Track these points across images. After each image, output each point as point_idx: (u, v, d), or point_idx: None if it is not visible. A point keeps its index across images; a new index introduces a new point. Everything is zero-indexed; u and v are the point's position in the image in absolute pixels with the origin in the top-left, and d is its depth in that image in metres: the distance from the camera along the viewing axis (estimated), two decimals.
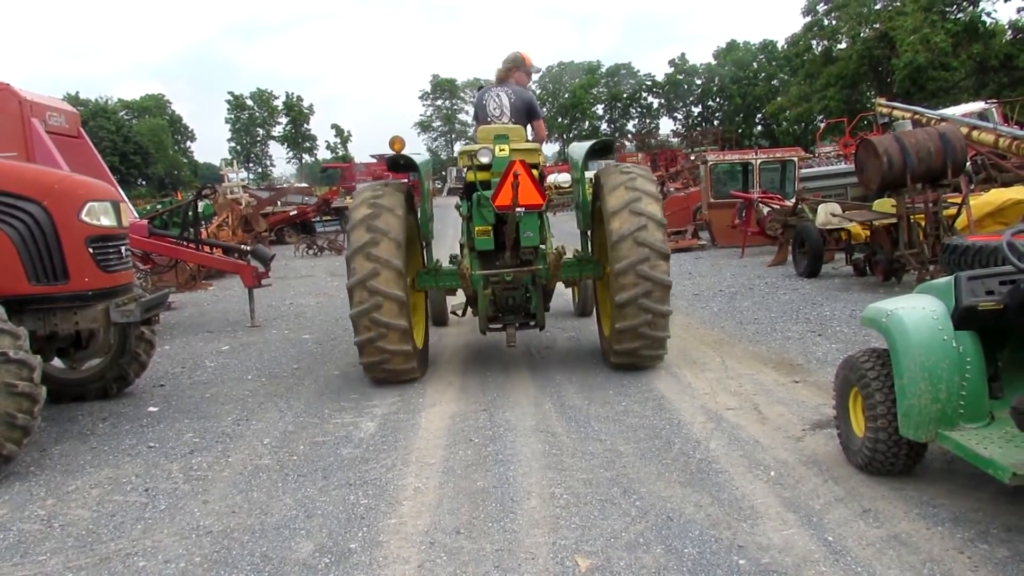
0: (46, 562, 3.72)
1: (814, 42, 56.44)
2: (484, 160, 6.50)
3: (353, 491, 4.37)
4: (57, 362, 6.55)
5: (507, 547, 3.62)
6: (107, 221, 5.65)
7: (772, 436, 4.93)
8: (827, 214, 11.63)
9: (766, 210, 14.87)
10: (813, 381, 6.15)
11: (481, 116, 7.41)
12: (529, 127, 7.44)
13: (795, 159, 17.26)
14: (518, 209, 6.19)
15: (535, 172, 6.51)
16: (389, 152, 6.73)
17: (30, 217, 5.31)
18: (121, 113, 76.75)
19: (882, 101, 19.61)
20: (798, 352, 7.17)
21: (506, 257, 6.66)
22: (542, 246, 6.76)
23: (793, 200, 14.07)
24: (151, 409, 6.40)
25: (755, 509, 3.88)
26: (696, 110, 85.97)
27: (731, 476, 4.31)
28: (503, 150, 6.50)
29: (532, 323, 6.94)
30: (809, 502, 3.93)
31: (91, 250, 5.50)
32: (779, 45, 70.65)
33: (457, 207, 7.26)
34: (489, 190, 6.41)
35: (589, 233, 7.31)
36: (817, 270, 11.81)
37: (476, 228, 6.66)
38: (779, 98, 63.99)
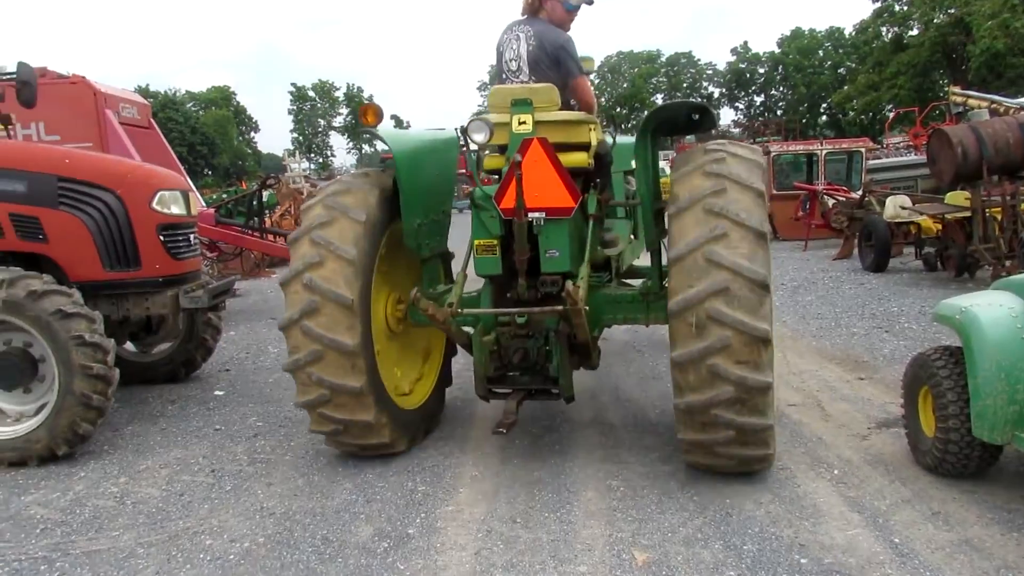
0: (119, 538, 3.87)
1: (884, 29, 54.62)
2: (478, 138, 4.40)
3: (411, 477, 4.43)
4: (129, 346, 6.79)
5: (563, 538, 3.62)
6: (177, 210, 5.82)
7: (836, 434, 4.82)
8: (896, 207, 11.31)
9: (831, 202, 14.52)
10: (879, 378, 5.97)
11: (499, 70, 5.11)
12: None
13: (863, 150, 16.79)
14: (532, 215, 4.25)
15: (582, 157, 4.67)
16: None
17: (105, 206, 5.50)
18: (188, 105, 78.90)
19: (956, 90, 18.90)
20: (864, 348, 6.97)
21: (520, 288, 4.42)
22: (576, 272, 4.44)
23: (860, 192, 13.70)
24: (217, 393, 6.59)
25: (817, 508, 3.80)
26: (758, 100, 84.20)
27: (792, 473, 4.22)
28: (523, 123, 4.46)
29: (555, 390, 4.48)
30: (875, 502, 3.82)
31: (162, 238, 5.67)
32: (847, 32, 68.60)
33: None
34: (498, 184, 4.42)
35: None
36: (884, 264, 11.49)
37: (476, 242, 4.56)
38: (846, 87, 62.22)
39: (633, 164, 4.75)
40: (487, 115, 4.56)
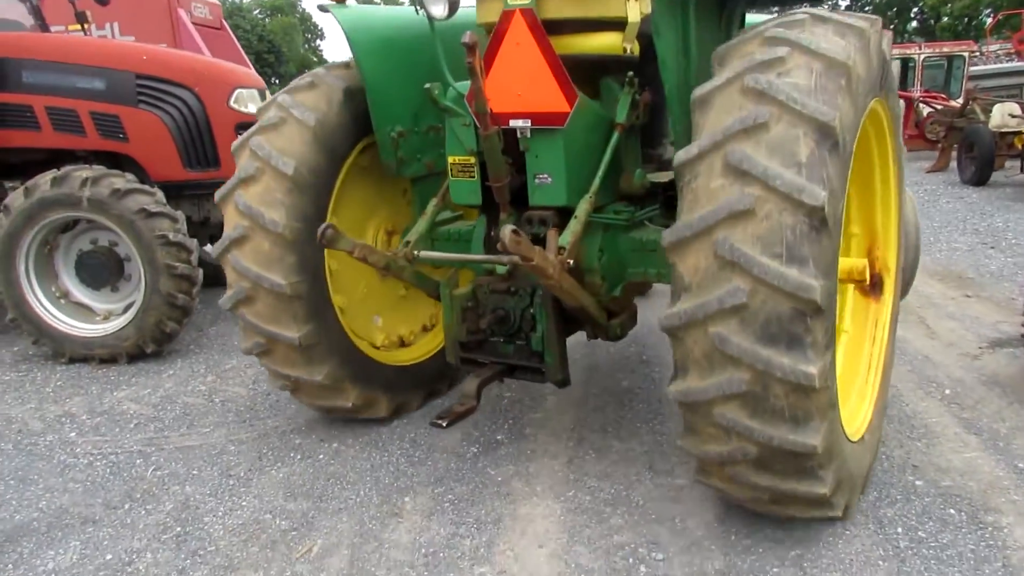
0: (210, 434, 3.91)
1: None
2: (436, 11, 3.20)
3: (496, 385, 4.30)
4: (210, 248, 6.82)
5: (658, 449, 3.49)
6: (254, 108, 5.67)
7: (944, 352, 4.53)
8: (1004, 115, 10.48)
9: (926, 111, 13.61)
10: (987, 296, 5.59)
11: None
12: None
13: (966, 54, 15.58)
14: (515, 123, 3.05)
15: (613, 41, 3.13)
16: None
17: (183, 103, 5.41)
18: (255, 12, 78.52)
19: None
20: (968, 265, 6.55)
21: (504, 224, 2.81)
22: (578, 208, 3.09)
23: (960, 100, 12.77)
24: None
25: (929, 428, 3.57)
26: (843, 4, 79.32)
27: (899, 391, 3.98)
28: None
29: (541, 367, 3.26)
30: (993, 425, 3.57)
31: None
32: None
33: None
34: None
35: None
36: (986, 177, 10.78)
37: (450, 159, 3.36)
38: None
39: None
40: None
